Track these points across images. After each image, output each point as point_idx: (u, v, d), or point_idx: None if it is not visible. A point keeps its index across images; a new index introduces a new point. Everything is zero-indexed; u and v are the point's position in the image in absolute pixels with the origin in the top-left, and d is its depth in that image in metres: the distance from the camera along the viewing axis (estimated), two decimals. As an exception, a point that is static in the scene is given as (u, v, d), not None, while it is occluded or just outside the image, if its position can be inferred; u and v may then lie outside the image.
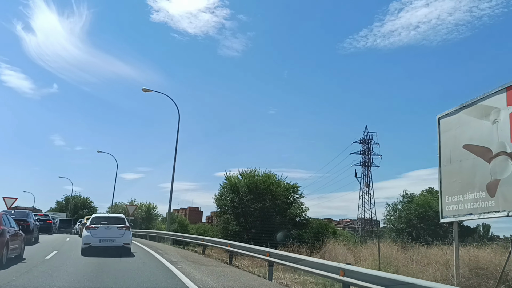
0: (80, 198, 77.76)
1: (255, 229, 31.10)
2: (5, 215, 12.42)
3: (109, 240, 14.81)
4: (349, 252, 16.04)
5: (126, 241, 15.12)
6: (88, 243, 14.67)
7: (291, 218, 34.01)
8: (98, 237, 14.77)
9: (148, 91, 27.11)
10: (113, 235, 14.94)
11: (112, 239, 14.86)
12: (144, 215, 59.79)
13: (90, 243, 14.66)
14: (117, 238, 14.92)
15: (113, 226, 15.17)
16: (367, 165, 70.94)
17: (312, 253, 19.74)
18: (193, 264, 12.99)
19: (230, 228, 31.28)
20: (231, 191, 32.19)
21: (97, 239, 14.73)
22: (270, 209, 31.57)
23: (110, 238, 14.85)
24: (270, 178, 32.59)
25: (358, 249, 16.34)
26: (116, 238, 14.91)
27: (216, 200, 33.31)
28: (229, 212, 32.37)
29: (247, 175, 32.80)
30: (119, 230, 15.14)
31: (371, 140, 70.99)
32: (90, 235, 14.84)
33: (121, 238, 14.98)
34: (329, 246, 16.13)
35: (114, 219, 15.97)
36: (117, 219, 15.90)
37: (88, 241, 14.73)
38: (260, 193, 31.76)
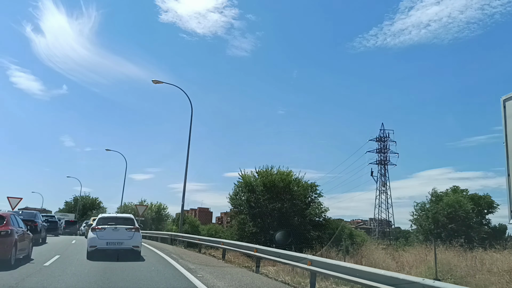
0: (89, 198, 76.46)
1: (273, 230, 29.11)
2: (13, 215, 12.23)
3: (117, 243, 13.56)
4: (388, 256, 13.98)
5: (135, 244, 13.84)
6: (94, 245, 13.46)
7: (310, 219, 32.01)
8: (105, 240, 13.54)
9: (158, 82, 25.34)
10: (121, 237, 13.69)
11: (120, 241, 13.61)
12: (154, 216, 58.08)
13: (96, 246, 13.45)
14: (125, 241, 13.68)
15: (121, 228, 13.90)
16: (383, 163, 68.61)
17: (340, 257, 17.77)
18: (215, 272, 11.08)
19: (246, 229, 29.31)
20: (247, 190, 30.25)
21: (104, 241, 13.51)
22: (289, 210, 29.58)
23: (118, 241, 13.60)
24: (288, 176, 30.58)
25: (399, 253, 14.25)
26: (125, 241, 13.67)
27: (230, 200, 31.39)
28: (244, 212, 30.41)
29: (263, 173, 30.82)
30: (127, 231, 13.87)
31: (387, 138, 68.69)
32: (96, 237, 13.62)
33: (130, 241, 13.73)
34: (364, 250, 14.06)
35: (122, 219, 14.72)
36: (125, 220, 14.66)
37: (94, 243, 13.51)
38: (278, 192, 29.78)
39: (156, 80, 25.25)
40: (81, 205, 72.62)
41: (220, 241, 14.86)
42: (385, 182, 68.57)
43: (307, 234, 31.00)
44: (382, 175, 68.79)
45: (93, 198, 77.36)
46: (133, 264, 12.43)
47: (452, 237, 27.22)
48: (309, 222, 31.20)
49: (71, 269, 10.80)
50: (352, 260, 13.85)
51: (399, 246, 21.66)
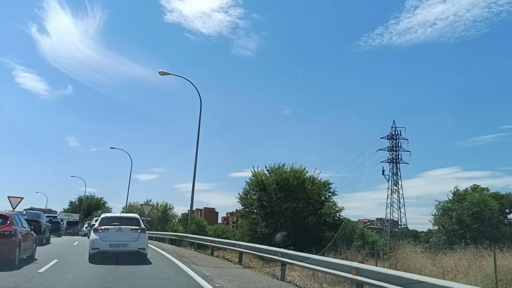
0: (93, 198, 75.14)
1: (287, 231, 27.51)
2: (16, 215, 12.07)
3: (121, 245, 12.54)
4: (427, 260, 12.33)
5: (141, 246, 12.78)
6: (97, 248, 12.42)
7: (325, 219, 30.40)
8: (108, 241, 12.50)
9: (165, 74, 23.85)
10: (126, 238, 12.66)
11: (124, 243, 12.59)
12: (161, 216, 56.60)
13: (98, 248, 12.40)
14: (130, 242, 12.65)
15: (126, 228, 12.86)
16: (395, 162, 66.72)
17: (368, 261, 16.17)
18: (235, 281, 9.52)
19: (258, 230, 27.78)
20: (258, 188, 28.71)
21: (107, 243, 12.47)
22: (303, 209, 28.00)
23: (122, 242, 12.57)
24: (302, 174, 28.99)
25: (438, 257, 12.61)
26: (130, 242, 12.64)
27: (241, 199, 29.88)
28: (256, 212, 28.89)
29: (275, 171, 29.26)
30: (133, 232, 12.84)
31: (399, 136, 66.78)
32: (99, 238, 12.57)
33: (135, 242, 12.70)
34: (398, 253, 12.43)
35: (127, 219, 13.56)
36: (130, 220, 13.53)
37: (96, 245, 12.46)
38: (292, 190, 28.21)
39: (163, 72, 23.77)
40: (86, 205, 71.34)
41: (236, 243, 13.31)
42: (397, 181, 66.71)
43: (321, 234, 29.44)
44: (394, 173, 66.95)
45: (98, 198, 76.14)
46: (140, 269, 10.94)
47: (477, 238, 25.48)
48: (324, 222, 29.63)
49: (68, 276, 9.29)
50: (386, 264, 12.23)
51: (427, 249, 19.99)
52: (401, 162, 67.13)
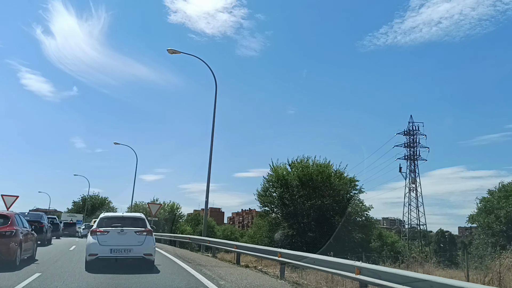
0: (97, 198, 72.29)
1: (312, 232, 24.44)
2: (17, 215, 11.91)
3: (123, 250, 10.60)
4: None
5: (147, 251, 10.77)
6: (95, 253, 10.44)
7: (354, 218, 27.27)
8: (109, 246, 10.55)
9: (175, 52, 20.86)
10: (130, 242, 10.69)
11: (128, 248, 10.62)
12: (168, 216, 53.53)
13: (97, 254, 10.44)
14: (135, 247, 10.66)
15: (130, 230, 10.86)
16: (412, 158, 63.32)
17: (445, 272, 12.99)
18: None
19: (280, 231, 24.65)
20: (279, 185, 25.61)
21: (107, 248, 10.52)
22: (329, 208, 24.88)
23: (125, 247, 10.61)
24: (327, 168, 25.86)
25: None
26: (134, 247, 10.66)
27: (259, 197, 26.79)
28: (276, 211, 25.79)
29: (297, 165, 26.15)
30: (137, 235, 10.86)
31: (416, 131, 63.37)
32: (97, 242, 10.59)
33: (140, 247, 10.71)
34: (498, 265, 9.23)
35: (131, 220, 11.49)
36: (134, 220, 11.45)
37: (94, 251, 10.48)
38: (317, 187, 25.10)
39: (172, 50, 20.78)
40: (90, 205, 68.54)
41: (276, 251, 10.16)
42: (415, 179, 63.31)
43: (350, 236, 26.32)
44: (412, 171, 63.54)
45: (102, 197, 73.28)
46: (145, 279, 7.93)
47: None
48: (354, 222, 26.50)
49: None
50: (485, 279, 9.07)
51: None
52: (419, 159, 63.80)
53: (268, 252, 10.95)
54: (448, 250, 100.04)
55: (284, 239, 24.30)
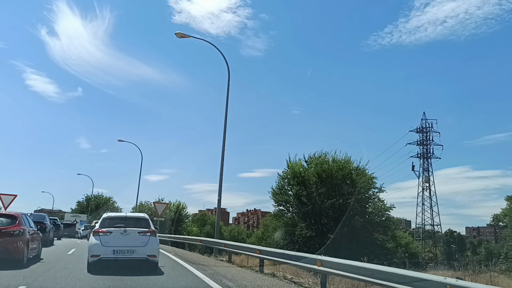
0: (102, 197, 70.54)
1: (332, 233, 22.48)
2: (24, 215, 12.22)
3: (127, 251, 10.34)
4: None
5: (151, 252, 10.48)
6: (97, 255, 10.18)
7: (371, 219, 25.33)
8: (111, 247, 10.25)
9: (184, 36, 19.05)
10: (133, 243, 10.41)
11: (131, 249, 10.34)
12: (173, 216, 51.64)
13: (99, 256, 10.17)
14: (138, 248, 10.38)
15: (133, 231, 10.56)
16: (426, 157, 61.21)
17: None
18: None
19: (297, 232, 22.74)
20: (296, 182, 23.70)
21: (110, 249, 10.23)
22: (352, 207, 22.93)
23: (128, 248, 10.34)
24: (348, 164, 23.95)
25: None
26: (137, 248, 10.38)
27: (274, 195, 24.90)
28: (293, 210, 23.89)
29: (316, 161, 24.25)
30: (141, 236, 10.57)
31: (430, 129, 61.26)
32: (99, 243, 10.31)
33: (144, 248, 10.42)
34: None
35: (134, 220, 11.17)
36: (138, 221, 11.14)
37: (96, 252, 10.21)
38: (336, 184, 23.18)
39: (181, 34, 18.95)
40: (94, 205, 66.85)
41: (317, 258, 8.20)
42: (429, 178, 61.17)
43: (372, 237, 24.38)
44: (425, 169, 61.40)
45: (106, 197, 71.52)
46: None
47: None
48: (377, 222, 24.58)
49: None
50: None
51: None
52: (433, 157, 61.67)
53: (303, 260, 9.02)
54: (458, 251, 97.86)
55: (302, 242, 22.42)
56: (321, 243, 22.48)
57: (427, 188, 61.00)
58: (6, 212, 12.17)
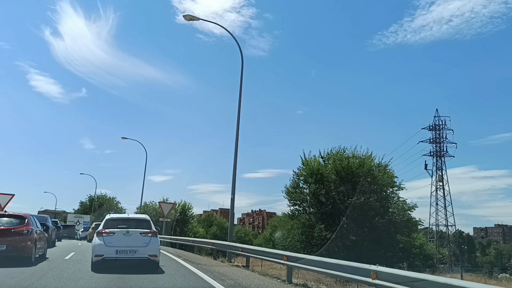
0: (105, 198, 68.93)
1: (354, 235, 20.73)
2: (32, 216, 12.98)
3: (129, 251, 10.83)
4: None
5: (152, 252, 11.02)
6: (101, 254, 10.70)
7: (394, 219, 23.51)
8: (114, 247, 10.75)
9: (193, 19, 17.36)
10: (135, 243, 10.93)
11: (133, 249, 10.86)
12: (179, 217, 49.94)
13: (103, 255, 10.68)
14: (140, 248, 10.92)
15: (135, 232, 11.12)
16: (439, 155, 59.27)
17: None
18: None
19: (315, 234, 20.98)
20: (314, 180, 21.93)
21: (113, 249, 10.73)
22: (373, 206, 21.17)
23: (130, 248, 10.84)
24: (369, 160, 22.17)
25: None
26: (139, 248, 10.91)
27: (288, 194, 23.15)
28: (310, 211, 22.12)
29: (335, 156, 22.48)
30: (143, 236, 11.11)
31: (443, 126, 59.35)
32: (103, 243, 10.83)
33: (145, 248, 10.96)
34: None
35: (136, 221, 11.86)
36: (140, 222, 11.83)
37: (100, 252, 10.74)
38: (357, 182, 21.39)
39: (190, 16, 17.27)
40: (97, 206, 65.30)
41: (371, 269, 6.45)
42: (442, 177, 59.21)
43: (394, 239, 22.59)
44: (438, 168, 59.47)
45: (110, 197, 69.92)
46: None
47: None
48: (399, 223, 22.77)
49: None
50: None
51: None
52: (447, 155, 59.73)
53: (349, 270, 7.24)
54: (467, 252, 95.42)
55: (320, 243, 20.66)
56: (341, 246, 20.76)
57: (440, 187, 59.10)
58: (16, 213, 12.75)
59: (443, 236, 60.80)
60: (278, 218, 57.09)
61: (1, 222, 11.64)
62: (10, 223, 11.61)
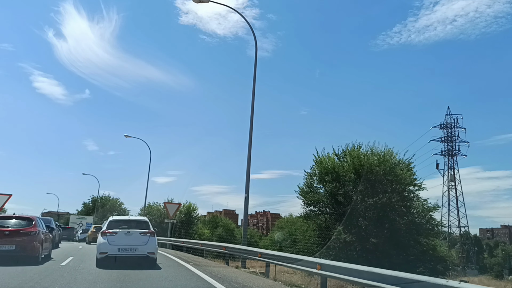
0: (108, 199, 67.66)
1: (375, 237, 19.23)
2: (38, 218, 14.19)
3: (130, 249, 12.15)
4: None
5: (150, 250, 12.41)
6: (105, 252, 12.04)
7: (415, 220, 21.97)
8: (117, 245, 12.09)
9: (202, 1, 15.99)
10: (135, 242, 12.28)
11: (134, 247, 12.21)
12: (184, 218, 48.50)
13: (107, 253, 12.02)
14: (140, 246, 12.26)
15: (135, 232, 12.47)
16: (451, 154, 57.65)
17: None
18: None
19: (333, 236, 19.48)
20: (331, 178, 20.46)
21: (116, 247, 12.08)
22: (395, 206, 19.68)
23: (131, 247, 12.19)
24: (391, 157, 20.68)
25: None
26: (139, 246, 12.26)
27: (302, 194, 21.69)
28: (327, 212, 20.64)
29: (352, 153, 21.01)
30: (142, 236, 12.46)
31: (455, 124, 57.73)
32: (107, 242, 12.16)
33: (144, 246, 12.31)
34: None
35: (136, 223, 13.31)
36: (139, 223, 13.27)
37: (104, 250, 12.07)
38: (378, 181, 19.91)
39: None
40: (100, 206, 64.06)
41: (452, 286, 5.04)
42: (454, 176, 57.58)
43: (417, 242, 21.07)
44: (450, 167, 57.83)
45: (113, 198, 68.63)
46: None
47: None
48: (421, 225, 21.24)
49: None
50: None
51: None
52: (459, 154, 58.09)
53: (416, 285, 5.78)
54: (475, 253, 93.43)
55: (338, 247, 19.19)
56: (361, 250, 19.29)
57: (452, 187, 57.45)
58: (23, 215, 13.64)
59: (454, 237, 59.15)
60: (285, 220, 55.64)
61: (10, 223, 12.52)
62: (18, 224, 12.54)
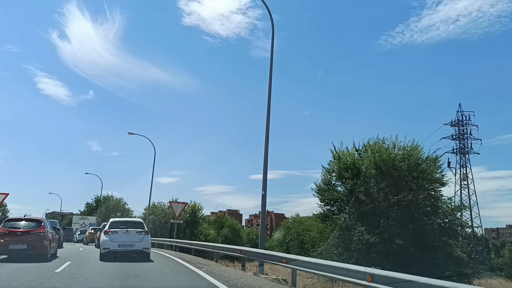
0: (112, 199, 66.31)
1: (400, 238, 17.70)
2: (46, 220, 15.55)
3: (128, 245, 14.54)
4: None
5: (145, 246, 14.90)
6: (107, 248, 14.40)
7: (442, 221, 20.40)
8: (117, 242, 14.50)
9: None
10: (132, 239, 14.72)
11: (131, 243, 14.61)
12: (189, 218, 47.01)
13: (109, 248, 14.39)
14: (136, 243, 14.70)
15: (132, 231, 14.95)
16: (463, 152, 55.96)
17: None
18: None
19: (355, 237, 17.97)
20: (351, 174, 18.96)
21: (116, 243, 14.47)
22: (421, 205, 18.16)
23: (129, 243, 14.59)
24: (416, 152, 19.14)
25: None
26: (136, 243, 14.69)
27: (319, 192, 20.19)
28: (347, 211, 19.11)
29: (374, 148, 19.48)
30: (138, 234, 14.96)
31: (467, 121, 56.04)
32: (109, 239, 14.54)
33: (140, 243, 14.78)
34: None
35: (133, 223, 15.83)
36: (135, 224, 15.79)
37: (107, 246, 14.43)
38: (401, 177, 18.40)
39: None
40: (104, 207, 62.73)
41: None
42: (467, 175, 55.87)
43: (444, 244, 19.51)
44: (463, 166, 56.13)
45: (116, 198, 67.28)
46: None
47: None
48: (448, 225, 19.71)
49: None
50: None
51: None
52: (471, 152, 56.38)
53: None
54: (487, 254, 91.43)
55: (361, 249, 17.68)
56: (386, 252, 17.76)
57: (465, 186, 55.75)
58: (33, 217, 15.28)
59: (467, 238, 57.43)
60: (292, 220, 54.15)
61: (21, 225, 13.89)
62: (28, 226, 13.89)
